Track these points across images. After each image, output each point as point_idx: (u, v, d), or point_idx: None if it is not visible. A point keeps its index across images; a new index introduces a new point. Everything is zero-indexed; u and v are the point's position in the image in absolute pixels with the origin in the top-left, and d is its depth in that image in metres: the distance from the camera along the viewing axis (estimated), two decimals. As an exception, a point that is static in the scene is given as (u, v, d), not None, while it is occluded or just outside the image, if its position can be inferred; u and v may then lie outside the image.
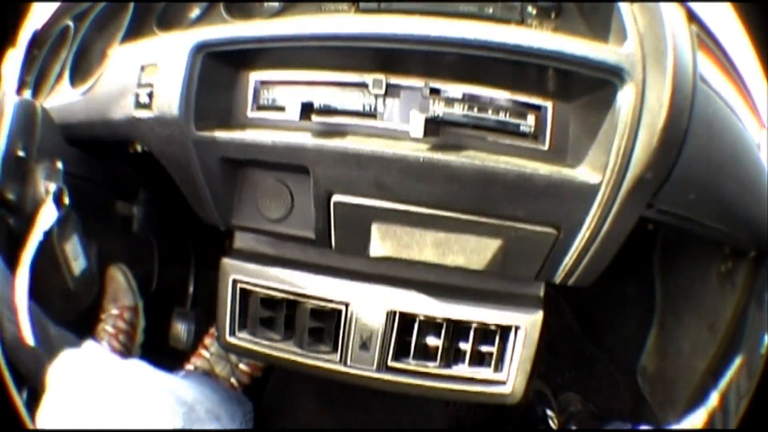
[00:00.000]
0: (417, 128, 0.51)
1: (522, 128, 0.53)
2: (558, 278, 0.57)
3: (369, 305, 0.64)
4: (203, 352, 0.94)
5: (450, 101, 0.54)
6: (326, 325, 0.66)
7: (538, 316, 0.61)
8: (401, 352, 0.65)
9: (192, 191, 0.60)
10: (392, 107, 0.56)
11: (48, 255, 0.70)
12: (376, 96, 0.55)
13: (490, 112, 0.54)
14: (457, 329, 0.63)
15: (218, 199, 0.60)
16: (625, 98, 0.46)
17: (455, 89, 0.54)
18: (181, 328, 1.04)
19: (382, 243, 0.56)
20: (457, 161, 0.51)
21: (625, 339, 0.97)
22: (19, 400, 0.49)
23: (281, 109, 0.57)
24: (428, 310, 0.63)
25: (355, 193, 0.54)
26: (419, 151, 0.51)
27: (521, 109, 0.53)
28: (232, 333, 0.70)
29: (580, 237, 0.52)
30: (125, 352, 0.89)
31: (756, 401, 0.34)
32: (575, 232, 0.52)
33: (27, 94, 1.09)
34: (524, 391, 0.64)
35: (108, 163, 0.86)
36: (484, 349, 0.64)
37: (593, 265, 0.55)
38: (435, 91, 0.54)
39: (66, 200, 0.70)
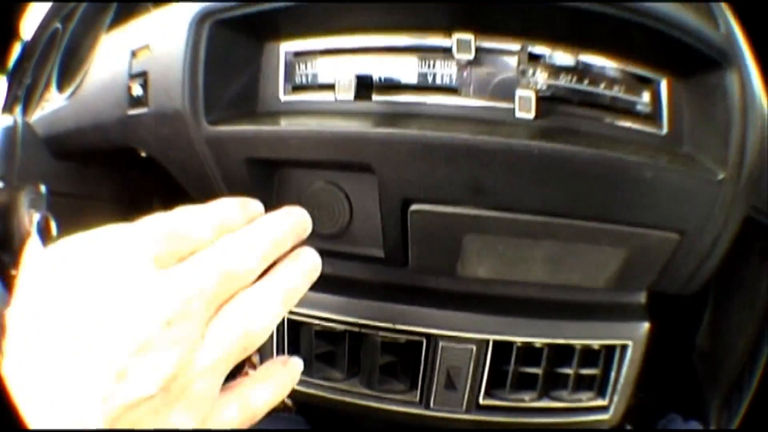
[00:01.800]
0: (526, 107, 0.38)
1: (638, 107, 0.41)
2: (671, 287, 0.46)
3: (456, 334, 0.47)
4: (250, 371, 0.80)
5: (555, 71, 0.40)
6: (400, 358, 0.50)
7: (644, 329, 0.48)
8: (492, 387, 0.51)
9: None
10: (479, 79, 0.40)
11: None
12: (460, 64, 0.39)
13: (602, 86, 0.41)
14: (559, 353, 0.50)
15: None
16: (733, 83, 0.39)
17: (562, 56, 0.40)
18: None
19: (477, 261, 0.42)
20: (581, 152, 0.37)
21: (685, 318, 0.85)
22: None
23: (327, 87, 0.41)
24: (527, 335, 0.48)
25: (442, 199, 0.39)
26: (529, 138, 0.37)
27: (635, 84, 0.41)
28: (280, 373, 0.54)
29: (702, 241, 0.42)
30: None
31: (756, 401, 0.32)
32: (698, 235, 0.42)
33: (17, 110, 0.97)
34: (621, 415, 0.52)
35: (112, 174, 0.71)
36: (586, 371, 0.51)
37: (706, 271, 0.45)
38: (535, 58, 0.40)
39: (53, 230, 0.55)
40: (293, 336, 0.52)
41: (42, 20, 1.02)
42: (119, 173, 0.70)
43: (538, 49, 0.40)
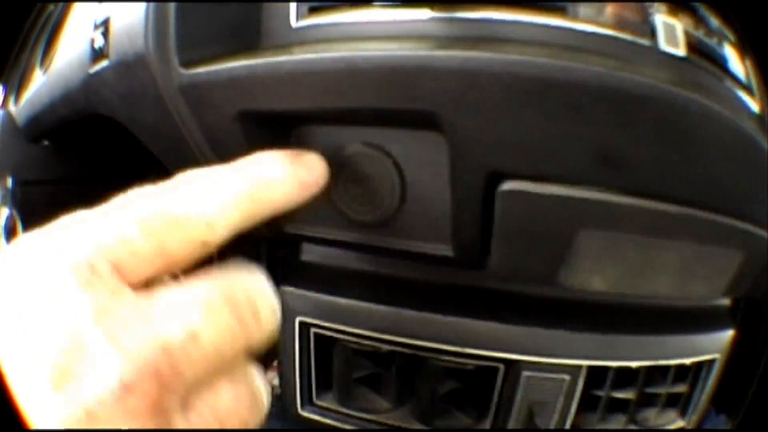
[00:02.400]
0: (672, 38, 0.24)
1: None
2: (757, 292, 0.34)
3: (545, 360, 0.34)
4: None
5: None
6: (466, 384, 0.37)
7: (729, 337, 0.39)
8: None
9: None
10: None
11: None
12: None
13: None
14: (650, 372, 0.39)
15: None
16: None
17: None
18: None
19: (593, 268, 0.28)
20: None
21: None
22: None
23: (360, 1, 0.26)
24: (624, 357, 0.37)
25: (555, 174, 0.24)
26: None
27: None
28: (308, 401, 0.42)
29: None
30: None
31: (756, 401, 0.29)
32: None
33: (11, 102, 0.90)
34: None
35: (86, 154, 0.60)
36: (677, 390, 0.41)
37: None
38: None
39: (19, 230, 0.44)
40: (322, 354, 0.40)
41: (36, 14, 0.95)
42: (94, 152, 0.59)
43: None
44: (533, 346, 0.34)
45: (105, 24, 0.34)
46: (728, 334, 0.39)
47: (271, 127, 0.27)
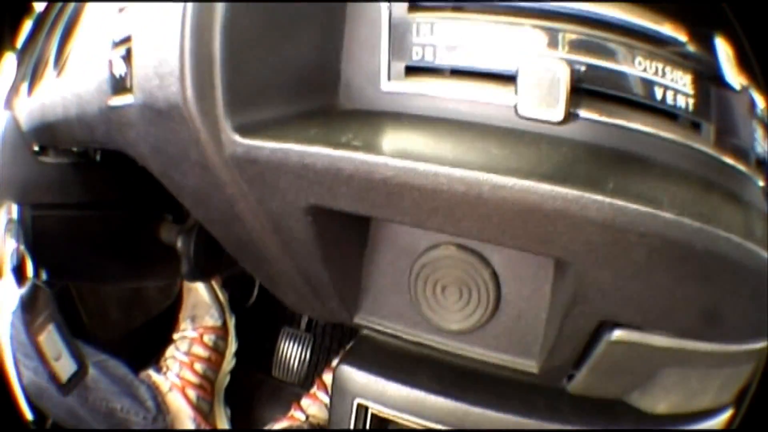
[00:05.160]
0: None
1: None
2: None
3: None
4: (297, 414, 0.64)
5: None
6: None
7: None
8: None
9: (254, 264, 0.25)
10: None
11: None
12: None
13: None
14: None
15: (324, 282, 0.23)
16: None
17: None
18: (291, 354, 0.77)
19: (663, 396, 0.28)
20: None
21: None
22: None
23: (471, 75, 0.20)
24: None
25: (663, 327, 0.23)
26: None
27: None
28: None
29: None
30: (206, 384, 0.67)
31: (756, 401, 0.29)
32: None
33: (24, 87, 0.83)
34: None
35: (109, 174, 0.51)
36: None
37: None
38: None
39: (29, 272, 0.37)
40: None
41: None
42: (118, 173, 0.49)
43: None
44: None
45: (126, 44, 0.26)
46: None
47: (349, 223, 0.20)
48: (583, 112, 0.20)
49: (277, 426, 0.63)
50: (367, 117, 0.20)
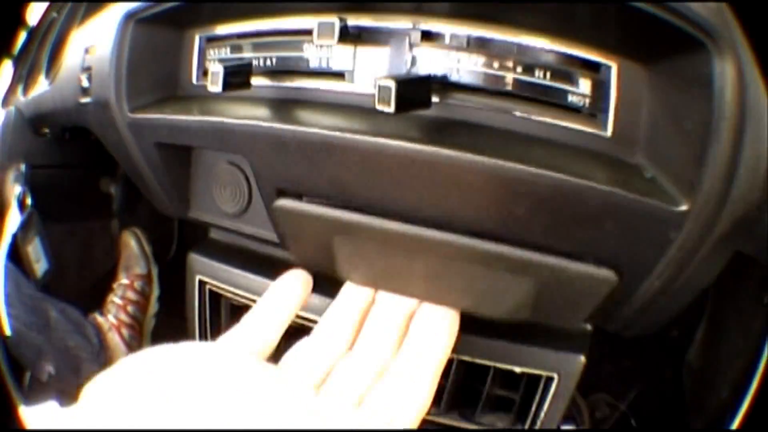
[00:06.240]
0: (386, 98, 0.29)
1: (570, 99, 0.31)
2: (611, 328, 0.38)
3: None
4: None
5: (453, 51, 0.33)
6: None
7: (576, 361, 0.40)
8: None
9: (138, 179, 0.50)
10: (368, 63, 0.36)
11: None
12: (327, 49, 0.37)
13: (517, 69, 0.32)
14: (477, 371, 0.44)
15: (167, 188, 0.48)
16: (724, 73, 0.25)
17: (460, 31, 0.33)
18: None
19: (349, 267, 0.37)
20: (462, 158, 0.29)
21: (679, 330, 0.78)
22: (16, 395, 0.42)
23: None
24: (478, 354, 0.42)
25: (305, 194, 0.37)
26: (393, 135, 0.31)
27: (567, 68, 0.31)
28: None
29: (647, 285, 0.32)
30: (135, 324, 0.79)
31: (756, 401, 0.30)
32: (642, 278, 0.32)
33: (19, 89, 1.02)
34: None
35: (80, 145, 0.76)
36: (503, 393, 0.44)
37: (659, 316, 0.35)
38: (428, 36, 0.34)
39: (28, 202, 0.61)
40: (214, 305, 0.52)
41: (44, 10, 1.06)
42: (87, 144, 0.73)
43: (433, 25, 0.34)
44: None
45: (89, 71, 0.51)
46: (575, 359, 0.39)
47: (179, 151, 0.46)
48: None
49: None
50: (186, 98, 0.45)
